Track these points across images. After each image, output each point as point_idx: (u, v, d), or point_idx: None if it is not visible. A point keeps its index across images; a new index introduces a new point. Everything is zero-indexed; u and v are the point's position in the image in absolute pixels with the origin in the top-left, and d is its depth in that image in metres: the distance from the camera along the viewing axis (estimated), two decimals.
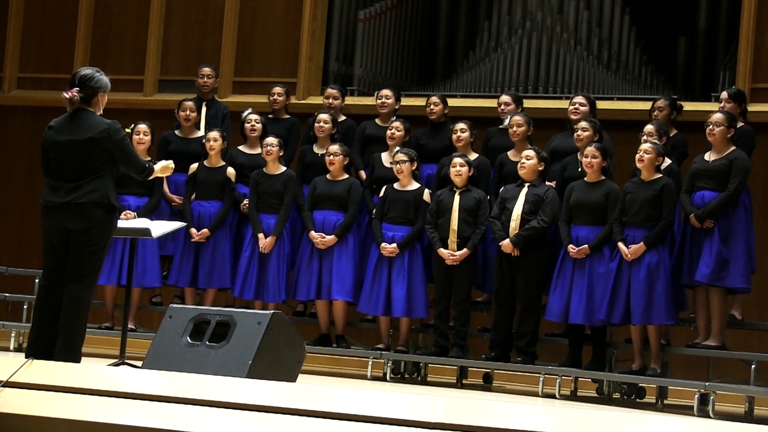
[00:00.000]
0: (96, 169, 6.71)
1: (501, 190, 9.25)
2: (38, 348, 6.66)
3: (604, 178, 8.83)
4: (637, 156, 8.55)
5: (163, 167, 7.11)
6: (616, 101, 11.04)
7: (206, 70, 10.67)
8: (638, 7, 11.79)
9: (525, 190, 9.02)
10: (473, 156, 9.48)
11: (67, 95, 6.77)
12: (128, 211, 9.60)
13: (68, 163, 6.73)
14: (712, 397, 7.95)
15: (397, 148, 9.53)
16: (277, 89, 10.43)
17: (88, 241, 6.70)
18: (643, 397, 8.98)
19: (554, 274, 8.84)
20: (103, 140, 6.71)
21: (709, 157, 8.61)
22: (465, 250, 9.14)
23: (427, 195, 9.42)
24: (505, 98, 9.79)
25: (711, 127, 8.53)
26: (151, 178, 7.08)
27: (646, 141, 8.64)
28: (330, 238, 9.50)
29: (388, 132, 9.73)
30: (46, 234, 6.80)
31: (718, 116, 8.57)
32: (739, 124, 8.74)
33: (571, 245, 8.73)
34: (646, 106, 9.79)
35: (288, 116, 10.44)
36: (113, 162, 6.78)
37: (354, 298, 9.49)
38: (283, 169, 9.76)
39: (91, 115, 6.78)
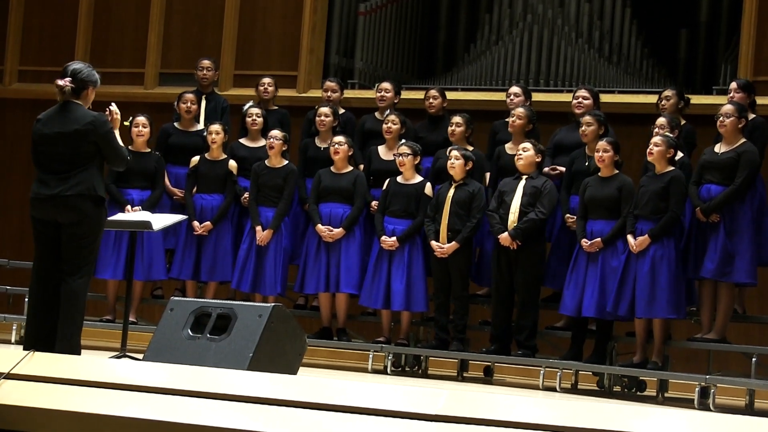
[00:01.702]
0: (83, 162, 6.73)
1: (499, 183, 9.23)
2: (36, 339, 6.67)
3: (617, 172, 8.77)
4: (648, 149, 8.50)
5: (117, 125, 6.98)
6: (617, 94, 11.02)
7: (205, 62, 10.67)
8: (639, 0, 11.77)
9: (523, 182, 8.99)
10: (468, 149, 9.44)
11: (60, 82, 6.79)
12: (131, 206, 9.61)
13: (56, 156, 6.75)
14: (712, 390, 7.95)
15: (402, 141, 9.51)
16: (267, 80, 10.43)
17: (79, 234, 6.73)
18: (644, 390, 8.98)
19: (569, 268, 8.79)
20: (89, 132, 6.73)
21: (718, 149, 8.50)
22: (453, 243, 9.11)
23: (429, 189, 9.39)
24: (515, 89, 9.70)
25: (721, 118, 8.40)
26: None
27: (657, 134, 8.55)
28: (338, 231, 9.49)
29: (384, 126, 9.70)
30: (36, 226, 6.83)
31: (728, 107, 8.46)
32: (751, 116, 8.66)
33: (584, 239, 8.70)
34: (647, 99, 9.76)
35: (276, 107, 10.44)
36: (101, 154, 6.80)
37: (361, 291, 9.49)
38: (285, 162, 9.75)
39: (78, 107, 6.80)
